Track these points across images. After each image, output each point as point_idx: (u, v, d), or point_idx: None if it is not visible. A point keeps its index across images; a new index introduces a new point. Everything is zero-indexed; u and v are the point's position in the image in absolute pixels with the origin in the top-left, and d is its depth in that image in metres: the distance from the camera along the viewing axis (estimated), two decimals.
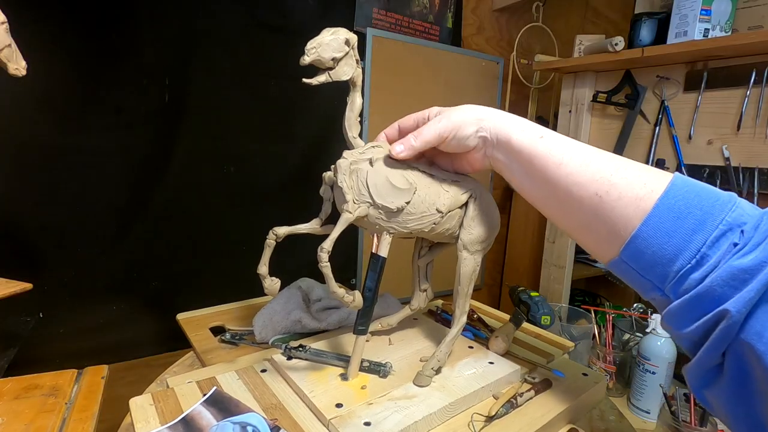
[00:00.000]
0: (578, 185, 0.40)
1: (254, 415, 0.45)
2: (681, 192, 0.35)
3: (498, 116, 0.46)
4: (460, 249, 0.53)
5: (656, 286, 0.35)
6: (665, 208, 0.34)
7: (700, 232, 0.33)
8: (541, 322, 1.04)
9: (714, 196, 0.34)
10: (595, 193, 0.38)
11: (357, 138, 0.51)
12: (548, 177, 0.42)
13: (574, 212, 0.41)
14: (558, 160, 0.41)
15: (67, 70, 0.86)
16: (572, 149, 0.42)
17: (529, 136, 0.44)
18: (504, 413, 0.49)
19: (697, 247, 0.33)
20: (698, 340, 0.33)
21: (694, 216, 0.33)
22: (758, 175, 0.99)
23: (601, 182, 0.38)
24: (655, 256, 0.34)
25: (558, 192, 0.42)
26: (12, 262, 0.86)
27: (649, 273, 0.36)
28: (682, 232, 0.33)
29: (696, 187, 0.35)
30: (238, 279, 1.08)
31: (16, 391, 0.52)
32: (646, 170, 0.38)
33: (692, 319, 0.33)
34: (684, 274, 0.33)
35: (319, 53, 0.45)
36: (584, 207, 0.40)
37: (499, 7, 1.50)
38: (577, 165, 0.40)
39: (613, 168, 0.39)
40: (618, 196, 0.37)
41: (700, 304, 0.32)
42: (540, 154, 0.42)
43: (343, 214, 0.46)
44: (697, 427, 0.78)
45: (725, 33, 1.03)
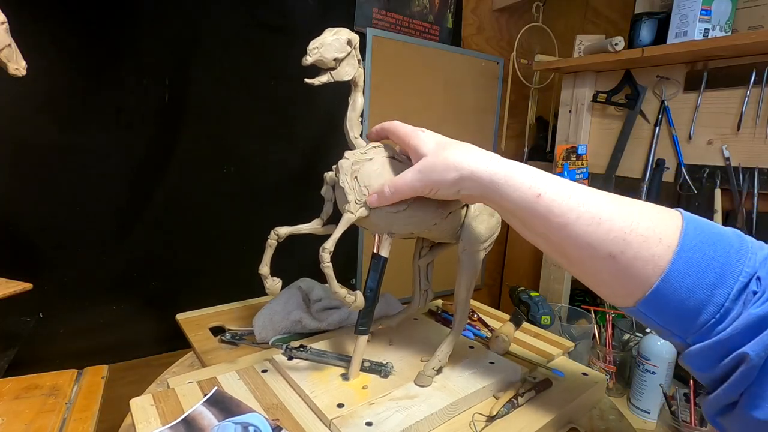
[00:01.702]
0: (589, 246, 0.36)
1: (256, 415, 0.45)
2: (695, 243, 0.34)
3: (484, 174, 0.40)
4: (461, 249, 0.53)
5: (676, 334, 0.36)
6: (683, 262, 0.34)
7: (722, 285, 0.33)
8: (541, 322, 1.04)
9: (727, 242, 0.34)
10: (609, 254, 0.36)
11: (359, 138, 0.51)
12: (551, 237, 0.39)
13: (585, 268, 0.39)
14: (562, 220, 0.37)
15: (67, 70, 0.86)
16: (577, 206, 0.37)
17: (524, 196, 0.38)
18: (505, 413, 0.49)
19: (720, 302, 0.33)
20: (718, 379, 0.34)
21: (713, 270, 0.33)
22: (758, 175, 0.99)
23: (614, 242, 0.35)
24: (676, 311, 0.34)
25: (565, 250, 0.39)
26: (12, 262, 0.85)
27: (670, 324, 0.35)
28: (704, 287, 0.33)
29: (707, 234, 0.35)
30: (238, 279, 1.08)
31: (16, 391, 0.52)
32: (658, 219, 0.36)
33: (712, 362, 0.33)
34: (709, 327, 0.33)
35: (322, 53, 0.45)
36: (596, 265, 0.37)
37: (499, 7, 1.50)
38: (585, 225, 0.36)
39: (625, 224, 0.35)
40: (633, 255, 0.35)
41: (720, 349, 0.33)
42: (539, 215, 0.38)
43: (345, 215, 0.46)
44: (697, 427, 0.78)
45: (725, 33, 1.03)
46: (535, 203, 0.38)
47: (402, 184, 0.44)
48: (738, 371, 0.32)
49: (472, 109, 1.51)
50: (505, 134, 1.60)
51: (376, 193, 0.46)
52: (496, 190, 0.40)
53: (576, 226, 0.36)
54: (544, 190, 0.38)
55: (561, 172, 1.34)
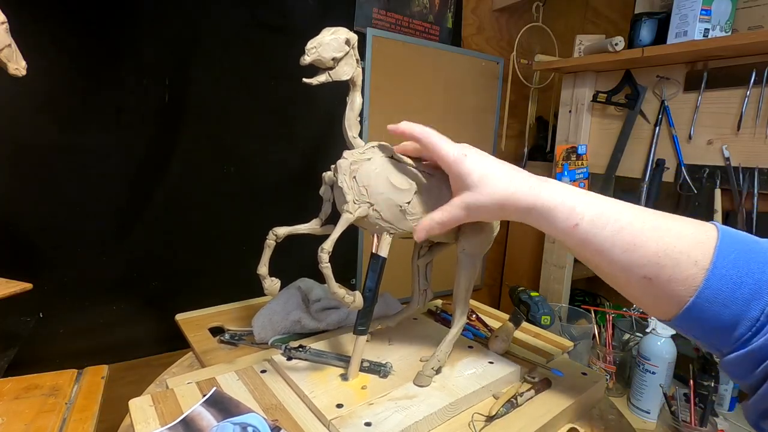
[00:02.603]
0: (623, 270, 0.39)
1: (255, 415, 0.45)
2: (729, 260, 0.35)
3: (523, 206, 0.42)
4: (460, 249, 0.53)
5: (714, 346, 0.37)
6: (717, 279, 0.35)
7: (756, 300, 0.34)
8: (541, 322, 1.04)
9: (762, 257, 0.35)
10: (644, 277, 0.38)
11: (357, 138, 0.51)
12: (587, 258, 0.42)
13: (621, 287, 0.41)
14: (597, 248, 0.39)
15: (67, 70, 0.86)
16: (612, 234, 0.39)
17: (561, 226, 0.41)
18: (504, 413, 0.49)
19: (755, 316, 0.34)
20: (754, 385, 0.35)
21: (747, 285, 0.34)
22: (758, 175, 0.99)
23: (649, 267, 0.37)
24: (710, 325, 0.36)
25: (601, 269, 0.42)
26: (12, 262, 0.85)
27: (706, 338, 0.37)
28: (738, 302, 0.34)
29: (741, 250, 0.35)
30: (237, 279, 1.08)
31: (16, 391, 0.52)
32: (692, 238, 0.37)
33: (750, 368, 0.35)
34: (744, 341, 0.34)
35: (320, 53, 0.45)
36: (632, 286, 0.40)
37: (499, 7, 1.50)
38: (620, 251, 0.38)
39: (659, 249, 0.37)
40: (668, 278, 0.36)
41: (753, 357, 0.34)
42: (576, 243, 0.41)
43: (344, 215, 0.46)
44: (697, 427, 0.78)
45: (725, 33, 1.03)
46: (572, 233, 0.40)
47: (448, 218, 0.46)
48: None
49: (472, 109, 1.51)
50: (505, 134, 1.60)
51: (424, 229, 0.47)
52: (536, 220, 0.43)
53: (611, 253, 0.39)
54: (580, 221, 0.40)
55: (561, 173, 1.34)
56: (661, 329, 0.92)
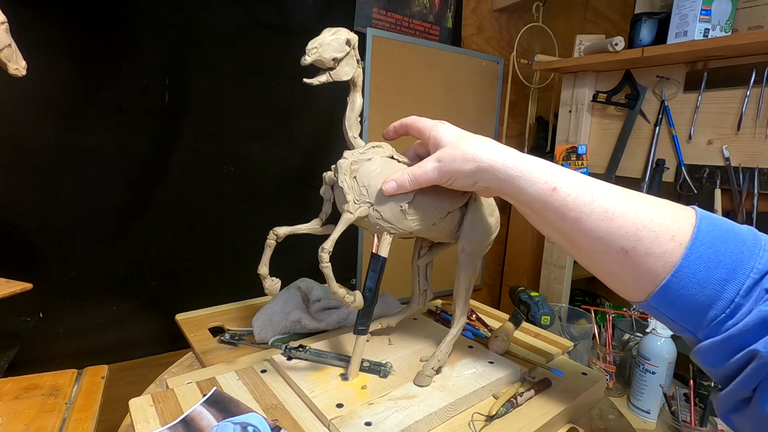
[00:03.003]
0: (601, 240, 0.38)
1: (255, 415, 0.45)
2: (708, 239, 0.34)
3: (501, 166, 0.41)
4: (460, 249, 0.53)
5: (687, 329, 0.36)
6: (694, 258, 0.34)
7: (732, 281, 0.33)
8: (541, 322, 1.04)
9: (740, 239, 0.34)
10: (621, 248, 0.37)
11: (357, 138, 0.51)
12: (565, 229, 0.40)
13: (597, 261, 0.40)
14: (575, 214, 0.38)
15: (67, 70, 0.86)
16: (591, 201, 0.38)
17: (540, 190, 0.39)
18: (504, 413, 0.49)
19: (730, 297, 0.33)
20: (730, 375, 0.34)
21: (724, 265, 0.33)
22: (758, 175, 0.99)
23: (626, 238, 0.36)
24: (686, 305, 0.35)
25: (578, 242, 0.40)
26: (12, 262, 0.86)
27: (681, 320, 0.36)
28: (714, 282, 0.33)
29: (721, 230, 0.35)
30: (237, 279, 1.08)
31: (16, 391, 0.52)
32: (671, 215, 0.36)
33: (723, 358, 0.34)
34: (719, 322, 0.34)
35: (320, 53, 0.45)
36: (609, 259, 0.38)
37: (499, 7, 1.50)
38: (598, 219, 0.37)
39: (638, 221, 0.36)
40: (645, 251, 0.36)
41: (731, 345, 0.33)
42: (554, 208, 0.39)
43: (344, 215, 0.46)
44: (697, 427, 0.78)
45: (725, 33, 1.03)
46: (550, 197, 0.39)
47: (421, 173, 0.45)
48: (749, 367, 0.32)
49: (472, 109, 1.51)
50: (505, 134, 1.60)
51: (394, 180, 0.46)
52: (513, 184, 0.41)
53: (589, 220, 0.37)
54: (559, 185, 0.39)
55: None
56: (661, 329, 0.91)
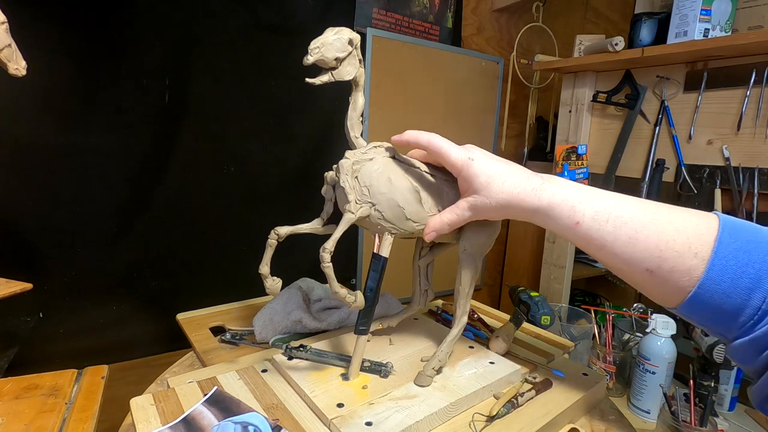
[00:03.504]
0: (626, 263, 0.40)
1: (256, 414, 0.45)
2: (730, 251, 0.36)
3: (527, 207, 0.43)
4: (461, 249, 0.53)
5: (718, 332, 0.38)
6: (717, 271, 0.36)
7: (758, 289, 0.35)
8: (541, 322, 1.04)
9: (762, 247, 0.36)
10: (646, 269, 0.39)
11: (359, 138, 0.51)
12: (592, 253, 0.42)
13: (626, 278, 0.42)
14: (600, 243, 0.41)
15: (67, 70, 0.86)
16: (614, 229, 0.40)
17: (563, 225, 0.42)
18: (505, 413, 0.49)
19: (757, 305, 0.35)
20: (759, 370, 0.36)
21: (748, 275, 0.35)
22: (758, 175, 0.99)
23: (650, 260, 0.38)
24: (715, 314, 0.37)
25: (606, 263, 0.43)
26: (12, 262, 0.85)
27: (710, 324, 0.38)
28: (740, 291, 0.35)
29: (742, 240, 0.36)
30: (237, 279, 1.08)
31: (16, 391, 0.52)
32: (693, 232, 0.38)
33: (755, 353, 0.36)
34: (749, 327, 0.36)
35: (323, 53, 0.45)
36: (635, 278, 0.41)
37: (499, 7, 1.51)
38: (622, 246, 0.39)
39: (661, 243, 0.38)
40: (669, 269, 0.38)
41: (758, 344, 0.35)
42: (579, 239, 0.42)
43: (346, 215, 0.46)
44: (697, 427, 0.78)
45: (725, 33, 1.03)
46: (575, 230, 0.42)
47: (458, 220, 0.48)
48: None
49: (472, 109, 1.52)
50: (505, 134, 1.60)
51: (433, 230, 0.48)
52: (540, 220, 0.44)
53: (614, 247, 0.40)
54: (582, 218, 0.41)
55: (561, 173, 1.34)
56: (661, 329, 0.92)
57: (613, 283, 1.55)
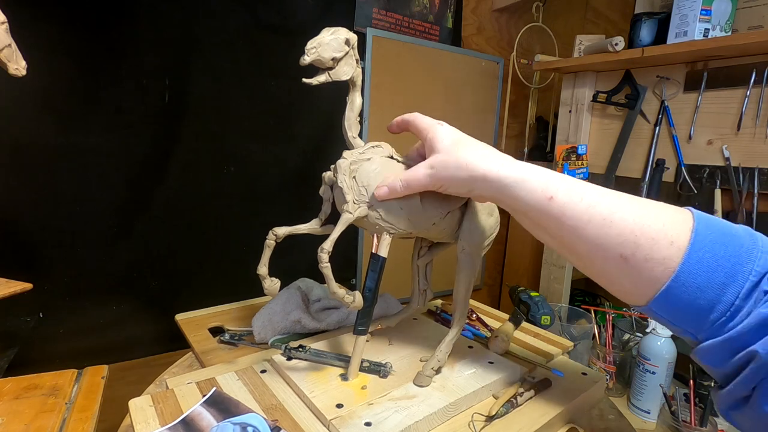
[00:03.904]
0: (600, 247, 0.37)
1: (254, 415, 0.45)
2: (706, 243, 0.35)
3: (495, 177, 0.40)
4: (460, 249, 0.53)
5: (688, 331, 0.36)
6: (694, 262, 0.34)
7: (732, 285, 0.33)
8: (541, 322, 1.04)
9: (737, 242, 0.34)
10: (620, 255, 0.37)
11: (357, 138, 0.51)
12: (563, 237, 0.40)
13: (596, 267, 0.40)
14: (573, 222, 0.38)
15: (67, 70, 0.86)
16: (588, 208, 0.38)
17: (536, 199, 0.39)
18: (504, 413, 0.49)
19: (730, 300, 0.33)
20: (730, 374, 0.35)
21: (723, 269, 0.34)
22: (758, 175, 0.99)
23: (625, 245, 0.36)
24: (686, 309, 0.35)
25: (577, 250, 0.40)
26: (12, 262, 0.86)
27: (681, 323, 0.36)
28: (714, 287, 0.34)
29: (718, 233, 0.35)
30: (237, 279, 1.08)
31: (16, 391, 0.52)
32: (668, 220, 0.36)
33: (723, 358, 0.34)
34: (719, 325, 0.34)
35: (319, 53, 0.45)
36: (608, 266, 0.38)
37: (499, 7, 1.50)
38: (596, 227, 0.37)
39: (636, 227, 0.36)
40: (644, 257, 0.36)
41: (731, 346, 0.33)
42: (552, 217, 0.39)
43: (343, 215, 0.46)
44: (697, 427, 0.78)
45: (725, 33, 1.03)
46: (548, 206, 0.39)
47: (413, 179, 0.44)
48: (748, 368, 0.32)
49: (472, 109, 1.51)
50: (505, 134, 1.60)
51: (386, 186, 0.45)
52: (508, 193, 0.40)
53: (587, 229, 0.37)
54: (555, 193, 0.39)
55: (561, 173, 1.33)
56: (661, 329, 0.91)
57: None
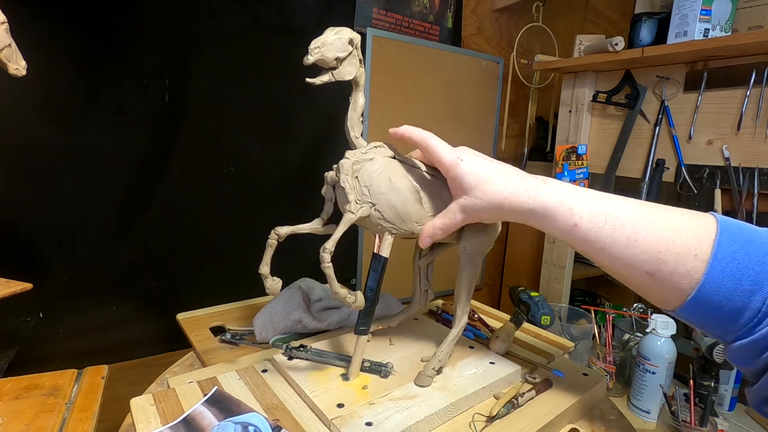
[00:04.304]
0: (626, 266, 0.39)
1: (256, 415, 0.45)
2: (729, 253, 0.35)
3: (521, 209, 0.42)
4: (462, 249, 0.53)
5: (718, 335, 0.38)
6: (717, 273, 0.35)
7: (758, 293, 0.34)
8: (541, 322, 1.04)
9: (761, 249, 0.35)
10: (646, 272, 0.38)
11: (359, 138, 0.51)
12: (591, 255, 0.42)
13: (626, 281, 0.42)
14: (599, 245, 0.40)
15: (67, 70, 0.86)
16: (612, 231, 0.39)
17: (561, 227, 0.41)
18: (505, 413, 0.49)
19: (757, 307, 0.34)
20: (759, 372, 0.36)
21: (747, 277, 0.35)
22: (758, 175, 0.99)
23: (650, 263, 0.38)
24: (714, 316, 0.36)
25: (605, 267, 0.42)
26: (12, 262, 0.85)
27: (709, 326, 0.38)
28: (740, 294, 0.35)
29: (741, 241, 0.36)
30: (238, 279, 1.08)
31: (16, 391, 0.51)
32: (693, 233, 0.37)
33: (754, 356, 0.36)
34: (748, 330, 0.35)
35: (323, 53, 0.45)
36: (635, 280, 0.40)
37: (499, 7, 1.51)
38: (621, 248, 0.39)
39: (660, 244, 0.37)
40: (669, 272, 0.37)
41: (757, 346, 0.35)
42: (578, 242, 0.41)
43: (346, 215, 0.46)
44: (697, 427, 0.78)
45: (725, 33, 1.03)
46: (573, 232, 0.41)
47: (450, 224, 0.47)
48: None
49: (472, 109, 1.52)
50: (505, 134, 1.60)
51: (427, 236, 0.49)
52: (536, 222, 0.43)
53: (613, 249, 0.39)
54: (579, 221, 0.40)
55: (561, 173, 1.34)
56: (661, 329, 0.92)
57: (613, 283, 1.55)
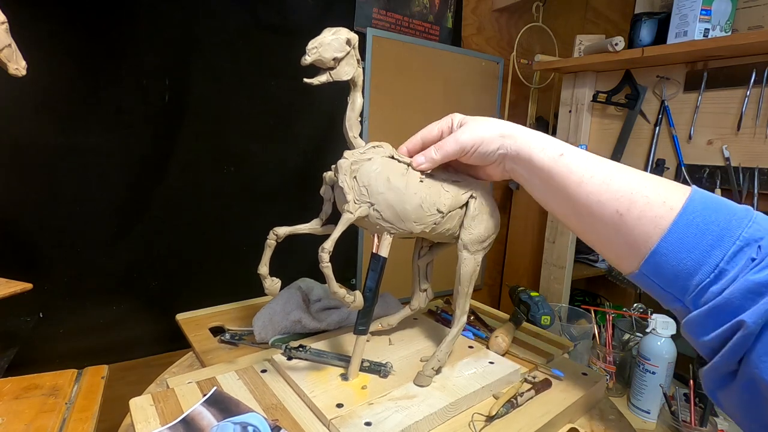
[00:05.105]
0: (599, 203, 0.40)
1: (255, 415, 0.45)
2: (699, 208, 0.36)
3: (520, 134, 0.46)
4: (461, 249, 0.53)
5: (677, 298, 0.37)
6: (684, 224, 0.36)
7: (719, 247, 0.34)
8: (541, 322, 1.04)
9: (730, 211, 0.35)
10: (616, 211, 0.39)
11: (358, 138, 0.51)
12: (569, 194, 0.43)
13: (595, 227, 0.42)
14: (578, 178, 0.42)
15: (67, 70, 0.86)
16: (593, 167, 0.42)
17: (550, 154, 0.44)
18: (504, 413, 0.49)
19: (715, 262, 0.34)
20: (716, 347, 0.35)
21: (712, 232, 0.35)
22: (758, 175, 0.99)
23: (621, 201, 0.39)
24: (674, 271, 0.36)
25: (579, 208, 0.43)
26: (12, 262, 0.85)
27: (670, 286, 0.37)
28: (701, 248, 0.35)
29: (713, 202, 0.36)
30: (237, 279, 1.08)
31: (16, 391, 0.52)
32: (666, 186, 0.39)
33: (711, 328, 0.34)
34: (703, 287, 0.35)
35: (321, 53, 0.45)
36: (605, 223, 0.41)
37: (499, 7, 1.50)
38: (597, 183, 0.41)
39: (633, 186, 0.39)
40: (638, 214, 0.38)
41: (718, 315, 0.34)
42: (560, 172, 0.43)
43: (344, 215, 0.46)
44: (697, 427, 0.78)
45: (725, 33, 1.03)
46: (557, 161, 0.43)
47: (448, 144, 0.48)
48: (735, 338, 0.32)
49: (472, 109, 1.51)
50: None
51: (422, 155, 0.49)
52: (528, 150, 0.45)
53: (589, 184, 0.41)
54: (565, 151, 0.44)
55: None
56: (661, 329, 0.91)
57: (613, 283, 1.55)
